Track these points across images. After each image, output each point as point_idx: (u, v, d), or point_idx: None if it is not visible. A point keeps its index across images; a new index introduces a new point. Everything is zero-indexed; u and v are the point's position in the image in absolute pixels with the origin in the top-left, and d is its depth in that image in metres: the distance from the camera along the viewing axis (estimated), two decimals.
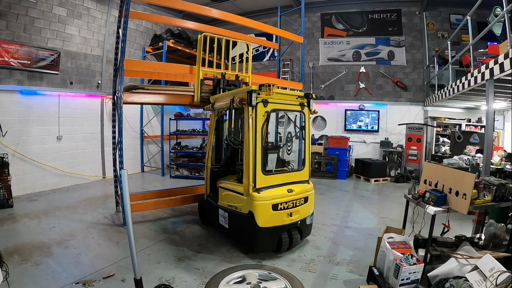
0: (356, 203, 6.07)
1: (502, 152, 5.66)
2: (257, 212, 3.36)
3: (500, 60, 3.56)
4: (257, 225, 3.36)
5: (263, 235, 3.42)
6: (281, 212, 3.49)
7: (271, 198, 3.43)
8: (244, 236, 3.63)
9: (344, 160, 8.45)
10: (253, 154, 3.40)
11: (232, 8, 10.09)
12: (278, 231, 3.51)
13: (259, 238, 3.44)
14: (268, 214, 3.41)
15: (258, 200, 3.37)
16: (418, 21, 8.75)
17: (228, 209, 3.77)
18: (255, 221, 3.36)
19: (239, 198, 3.58)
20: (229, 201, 3.77)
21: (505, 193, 2.86)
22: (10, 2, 5.80)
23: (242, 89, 3.81)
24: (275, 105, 3.61)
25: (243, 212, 3.50)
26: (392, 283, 2.62)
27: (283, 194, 3.55)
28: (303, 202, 3.73)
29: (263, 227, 3.38)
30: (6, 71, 5.86)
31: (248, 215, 3.41)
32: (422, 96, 8.78)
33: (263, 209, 3.38)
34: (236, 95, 3.62)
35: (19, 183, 5.99)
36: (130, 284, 2.54)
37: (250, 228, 3.42)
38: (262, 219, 3.38)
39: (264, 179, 3.50)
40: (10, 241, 3.80)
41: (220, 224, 3.97)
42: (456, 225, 4.11)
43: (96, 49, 7.61)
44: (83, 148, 7.34)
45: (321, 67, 9.79)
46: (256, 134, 3.41)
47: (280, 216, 3.49)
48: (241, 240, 3.77)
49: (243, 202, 3.50)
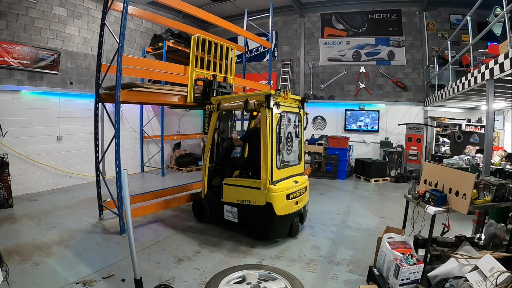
0: (356, 203, 6.07)
1: (502, 152, 5.66)
2: (275, 202, 3.78)
3: (500, 60, 3.56)
4: (275, 213, 3.77)
5: (279, 222, 3.88)
6: (292, 201, 3.98)
7: (285, 189, 3.91)
8: (260, 226, 3.97)
9: (344, 160, 8.45)
10: (270, 152, 3.78)
11: (232, 8, 10.09)
12: (289, 218, 4.00)
13: (276, 225, 3.88)
14: (283, 203, 3.86)
15: (275, 191, 3.79)
16: (418, 21, 8.75)
17: (239, 203, 4.07)
18: (273, 210, 3.76)
19: (253, 192, 3.91)
20: (240, 196, 4.06)
21: (505, 193, 2.86)
22: (10, 2, 5.80)
23: (259, 92, 4.28)
24: (284, 107, 4.06)
25: (259, 204, 3.85)
26: (392, 283, 2.62)
27: (292, 185, 4.04)
28: (304, 191, 4.31)
29: (280, 215, 3.82)
30: (6, 71, 5.86)
31: (266, 206, 3.79)
32: (422, 96, 8.79)
33: (280, 199, 3.82)
34: (251, 98, 3.92)
35: (19, 183, 5.98)
36: (130, 284, 2.54)
37: (267, 217, 3.82)
38: (279, 208, 3.81)
39: (277, 173, 3.92)
40: (10, 241, 3.80)
41: (227, 220, 4.24)
42: (456, 225, 4.11)
43: (96, 49, 7.60)
44: (83, 148, 7.33)
45: (321, 67, 9.79)
46: (273, 134, 3.80)
47: (291, 204, 3.98)
48: (255, 230, 4.08)
49: (260, 195, 3.84)
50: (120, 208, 4.06)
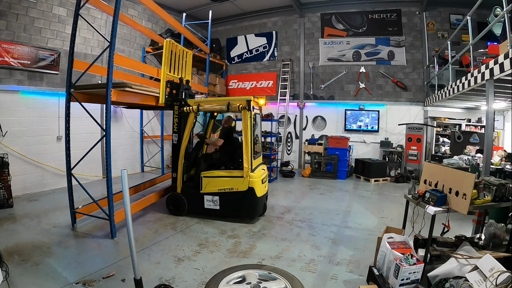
0: (356, 203, 6.07)
1: (502, 152, 5.66)
2: (256, 186, 4.64)
3: (500, 60, 3.56)
4: (256, 195, 4.65)
5: (259, 202, 4.78)
6: (264, 184, 4.96)
7: (260, 176, 4.82)
8: (243, 208, 4.73)
9: (344, 160, 8.46)
10: (250, 145, 4.60)
11: (232, 8, 10.09)
12: (263, 198, 4.97)
13: (257, 205, 4.78)
14: (260, 187, 4.75)
15: (255, 177, 4.67)
16: (418, 21, 8.76)
17: (220, 192, 4.76)
18: (255, 193, 4.62)
19: (235, 180, 4.69)
20: (221, 185, 4.75)
21: (505, 193, 2.85)
22: (10, 2, 5.80)
23: (239, 98, 5.21)
24: (255, 110, 4.93)
25: (242, 190, 4.64)
26: (392, 283, 2.62)
27: (262, 172, 5.01)
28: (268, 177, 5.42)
29: (259, 196, 4.71)
30: (6, 71, 5.86)
31: (248, 190, 4.62)
32: (422, 96, 8.79)
33: (258, 183, 4.70)
34: (234, 102, 4.65)
35: (19, 183, 5.98)
36: (130, 284, 2.53)
37: (250, 200, 4.65)
38: (258, 190, 4.69)
39: (253, 163, 4.76)
40: (10, 241, 3.80)
41: (207, 209, 4.87)
42: (456, 225, 4.10)
43: (96, 49, 7.61)
44: (83, 148, 7.29)
45: (321, 67, 9.79)
46: (248, 132, 4.60)
47: (264, 187, 4.93)
48: (238, 212, 4.76)
49: (242, 182, 4.64)
50: (111, 210, 3.90)
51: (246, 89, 10.91)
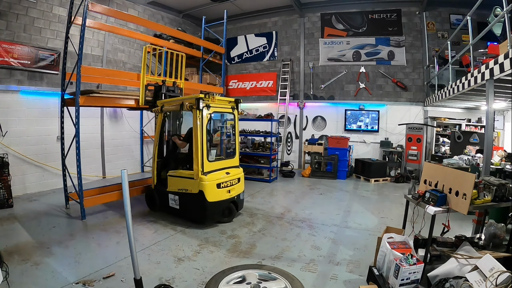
0: (356, 203, 6.07)
1: (502, 152, 5.66)
2: (206, 190, 4.34)
3: (500, 60, 3.56)
4: (207, 200, 4.34)
5: (211, 208, 4.43)
6: (223, 190, 4.59)
7: (215, 179, 4.48)
8: (195, 211, 4.53)
9: (344, 160, 8.45)
10: (201, 147, 4.33)
11: (232, 8, 10.09)
12: (221, 204, 4.58)
13: (208, 211, 4.44)
14: (214, 191, 4.44)
15: (206, 181, 4.35)
16: (418, 21, 8.76)
17: (179, 192, 4.63)
18: (205, 197, 4.33)
19: (189, 181, 4.47)
20: (180, 185, 4.61)
21: (505, 193, 2.85)
22: (10, 2, 5.80)
23: (191, 96, 4.68)
24: (215, 108, 4.60)
25: (193, 192, 4.41)
26: (392, 283, 2.62)
27: (224, 176, 4.64)
28: (237, 181, 4.88)
29: (211, 201, 4.39)
30: (6, 71, 5.86)
31: (198, 193, 4.35)
32: (422, 96, 8.79)
33: (211, 188, 4.39)
34: (185, 101, 4.45)
35: (19, 183, 5.99)
36: (130, 284, 2.53)
37: (200, 203, 4.38)
38: (210, 195, 4.38)
39: (209, 165, 4.50)
40: (10, 241, 3.80)
41: (171, 207, 4.82)
42: (456, 225, 4.10)
43: (96, 49, 7.62)
44: (83, 148, 7.26)
45: (321, 67, 9.79)
46: (203, 131, 4.34)
47: (222, 192, 4.57)
48: (191, 215, 4.63)
49: (194, 184, 4.41)
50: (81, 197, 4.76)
51: (246, 89, 10.92)
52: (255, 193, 6.71)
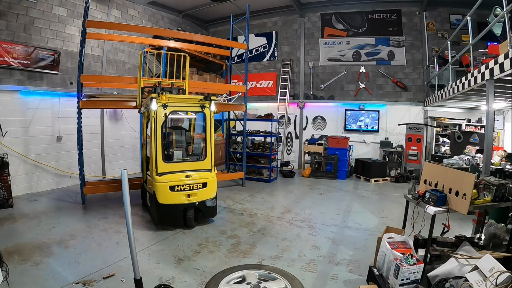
0: (356, 203, 6.07)
1: (502, 152, 5.66)
2: (157, 191, 4.24)
3: (500, 60, 3.55)
4: (158, 201, 4.24)
5: (164, 210, 4.29)
6: (179, 193, 4.32)
7: (168, 181, 4.27)
8: (152, 211, 4.53)
9: (344, 160, 8.45)
10: (155, 147, 4.25)
11: (232, 8, 10.08)
12: (177, 208, 4.32)
13: (160, 212, 4.31)
14: (167, 194, 4.25)
15: (158, 181, 4.24)
16: (418, 21, 8.76)
17: (148, 190, 4.69)
18: (156, 198, 4.25)
19: (150, 181, 4.45)
20: (149, 184, 4.62)
21: (505, 193, 2.85)
22: (10, 2, 5.80)
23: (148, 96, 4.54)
24: (174, 107, 4.45)
25: (151, 192, 4.41)
26: (392, 283, 2.62)
27: (180, 178, 4.35)
28: (201, 186, 4.51)
29: (162, 203, 4.25)
30: (6, 71, 5.86)
31: (154, 194, 4.30)
32: (422, 96, 8.79)
33: (162, 189, 4.24)
34: (145, 101, 4.55)
35: (19, 183, 5.99)
36: (130, 284, 2.53)
37: (153, 204, 4.36)
38: (162, 197, 4.24)
39: (165, 166, 4.32)
40: (10, 241, 3.80)
41: (148, 204, 4.86)
42: (456, 225, 4.11)
43: (96, 49, 7.61)
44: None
45: (321, 67, 9.79)
46: (157, 131, 4.25)
47: (178, 196, 4.32)
48: (152, 214, 4.64)
49: (151, 184, 4.40)
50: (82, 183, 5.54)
51: None
52: (255, 193, 6.71)
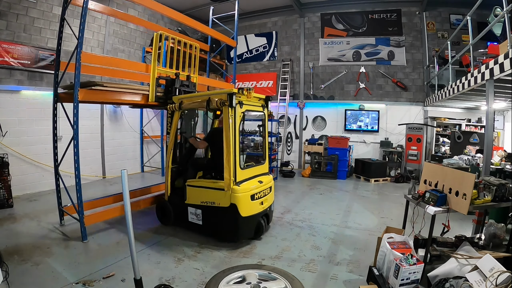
0: (356, 203, 6.07)
1: (502, 152, 5.66)
2: (239, 203, 3.70)
3: (500, 60, 3.56)
4: (240, 215, 3.71)
5: (244, 223, 3.80)
6: (256, 202, 3.93)
7: (249, 190, 3.84)
8: (225, 227, 3.87)
9: (344, 160, 8.45)
10: (233, 152, 3.69)
11: (232, 8, 10.07)
12: (255, 218, 3.93)
13: (241, 226, 3.79)
14: (248, 204, 3.80)
15: (239, 192, 3.71)
16: (418, 21, 8.76)
17: (203, 205, 3.97)
18: (238, 211, 3.69)
19: (217, 193, 3.82)
20: (204, 198, 3.95)
21: (505, 193, 2.85)
22: (10, 2, 5.80)
23: (221, 91, 4.04)
24: (247, 106, 3.98)
25: (223, 206, 3.77)
26: (392, 283, 2.62)
27: (257, 185, 3.98)
28: (269, 191, 4.25)
29: (244, 216, 3.75)
30: (6, 71, 5.85)
31: (230, 207, 3.71)
32: (422, 96, 8.79)
33: (244, 200, 3.75)
34: (213, 97, 3.81)
35: (19, 183, 5.98)
36: (130, 284, 2.53)
37: (232, 219, 3.74)
38: (244, 209, 3.74)
39: (241, 173, 3.87)
40: (10, 241, 3.80)
41: (191, 222, 4.15)
42: (456, 225, 4.11)
43: (96, 49, 7.61)
44: (83, 148, 7.27)
45: (321, 67, 9.79)
46: (235, 133, 3.73)
47: (256, 205, 3.92)
48: (220, 232, 3.97)
49: (224, 196, 3.75)
50: (81, 213, 3.88)
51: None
52: None
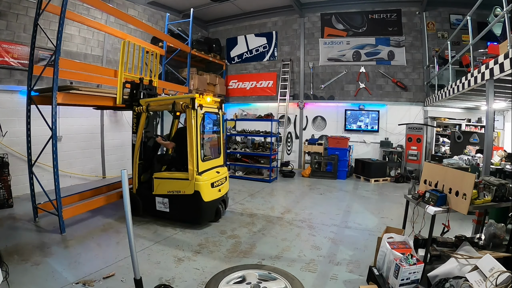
0: (356, 203, 6.07)
1: (502, 152, 5.66)
2: (202, 190, 4.38)
3: (500, 60, 3.56)
4: (203, 200, 4.38)
5: (206, 208, 4.51)
6: (215, 189, 4.66)
7: (210, 179, 4.54)
8: (190, 212, 4.51)
9: (344, 160, 8.45)
10: (196, 147, 4.35)
11: (232, 8, 10.10)
12: (214, 203, 4.66)
13: (204, 210, 4.50)
14: (209, 191, 4.50)
15: (201, 181, 4.40)
16: (418, 21, 8.76)
17: (169, 194, 4.56)
18: (201, 197, 4.36)
19: (182, 183, 4.44)
20: (170, 188, 4.54)
21: (505, 193, 2.85)
22: (10, 2, 5.80)
23: (185, 96, 4.84)
24: (206, 108, 4.62)
25: (188, 193, 4.39)
26: (392, 283, 2.62)
27: (215, 175, 4.72)
28: (225, 180, 5.01)
29: (206, 201, 4.44)
30: (6, 71, 5.86)
31: (194, 194, 4.35)
32: (422, 96, 8.79)
33: (206, 187, 4.44)
34: (178, 101, 4.46)
35: (19, 183, 5.98)
36: (130, 284, 2.53)
37: (196, 204, 4.39)
38: (206, 195, 4.43)
39: (202, 165, 4.53)
40: (10, 241, 3.80)
41: (158, 210, 4.70)
42: (456, 225, 4.11)
43: (96, 49, 7.61)
44: (83, 148, 7.33)
45: (321, 67, 9.79)
46: (197, 131, 4.38)
47: (215, 191, 4.64)
48: (185, 216, 4.59)
49: (188, 185, 4.39)
50: (60, 208, 4.26)
51: (246, 89, 10.93)
52: (255, 193, 6.71)
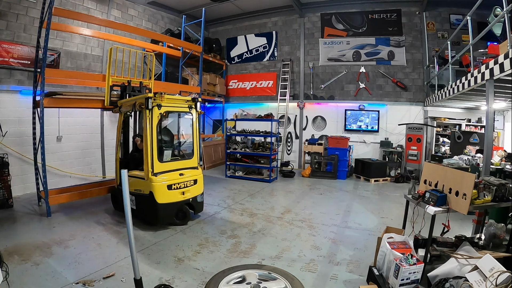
0: (356, 203, 6.07)
1: (502, 152, 5.66)
2: (155, 191, 4.28)
3: (500, 60, 3.55)
4: (156, 201, 4.27)
5: (162, 209, 4.34)
6: (175, 191, 4.47)
7: (166, 180, 4.39)
8: (148, 211, 4.46)
9: (344, 160, 8.45)
10: (151, 147, 4.27)
11: (232, 8, 10.10)
12: (174, 206, 4.48)
13: (159, 212, 4.33)
14: (165, 193, 4.35)
15: (155, 182, 4.29)
16: (418, 21, 8.76)
17: (135, 193, 4.54)
18: (154, 198, 4.27)
19: (142, 182, 4.41)
20: (135, 186, 4.51)
21: (505, 193, 2.85)
22: (10, 2, 5.81)
23: (141, 95, 4.61)
24: (167, 108, 4.48)
25: (145, 193, 4.37)
26: (392, 283, 2.62)
27: (176, 177, 4.51)
28: (193, 183, 4.74)
29: (161, 203, 4.31)
30: (6, 71, 5.86)
31: (149, 194, 4.30)
32: (422, 96, 8.79)
33: (160, 189, 4.31)
34: (137, 101, 4.48)
35: (19, 183, 5.98)
36: (130, 284, 2.53)
37: (151, 205, 4.32)
38: (160, 197, 4.30)
39: (160, 166, 4.40)
40: (10, 241, 3.80)
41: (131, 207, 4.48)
42: (456, 225, 4.11)
43: (96, 49, 7.62)
44: (83, 148, 7.33)
45: (321, 67, 9.79)
46: (152, 131, 4.26)
47: (175, 194, 4.46)
48: (145, 215, 4.54)
49: (145, 185, 4.36)
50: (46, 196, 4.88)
51: (246, 89, 10.93)
52: (255, 193, 6.71)
